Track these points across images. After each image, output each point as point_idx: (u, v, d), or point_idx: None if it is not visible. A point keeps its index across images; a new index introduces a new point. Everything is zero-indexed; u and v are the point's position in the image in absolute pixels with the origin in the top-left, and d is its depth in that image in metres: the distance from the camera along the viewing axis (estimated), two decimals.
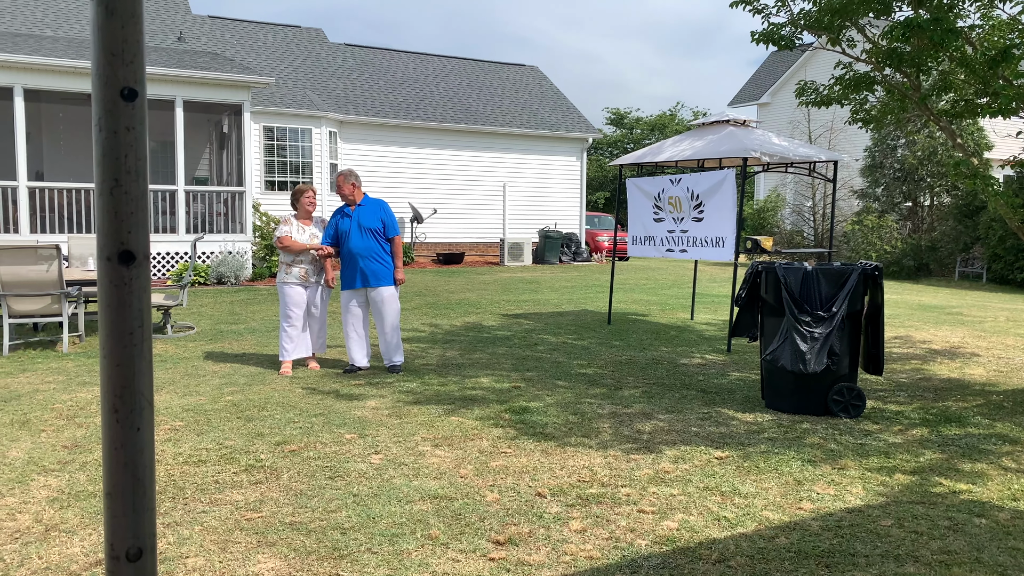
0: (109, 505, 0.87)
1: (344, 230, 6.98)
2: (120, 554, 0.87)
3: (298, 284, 7.01)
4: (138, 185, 0.85)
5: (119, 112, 0.83)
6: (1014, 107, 6.07)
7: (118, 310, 0.84)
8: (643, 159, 10.06)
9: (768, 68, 31.51)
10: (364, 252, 6.89)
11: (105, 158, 0.83)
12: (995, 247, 17.43)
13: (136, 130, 0.84)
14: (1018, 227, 6.54)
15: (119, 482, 0.86)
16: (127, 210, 0.84)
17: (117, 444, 0.85)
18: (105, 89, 0.83)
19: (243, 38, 22.05)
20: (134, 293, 0.85)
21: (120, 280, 0.84)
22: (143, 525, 0.87)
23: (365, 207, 6.99)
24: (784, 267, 5.81)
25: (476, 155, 21.85)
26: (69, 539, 3.44)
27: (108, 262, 0.84)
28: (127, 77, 0.83)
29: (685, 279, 17.25)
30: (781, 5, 7.26)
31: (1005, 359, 8.09)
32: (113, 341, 0.84)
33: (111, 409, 0.85)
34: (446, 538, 3.48)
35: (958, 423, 5.52)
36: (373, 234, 6.91)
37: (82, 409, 5.63)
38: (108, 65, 0.82)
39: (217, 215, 15.37)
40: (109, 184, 0.84)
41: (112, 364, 0.84)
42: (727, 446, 4.90)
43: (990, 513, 3.83)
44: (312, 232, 7.17)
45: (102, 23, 0.82)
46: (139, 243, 0.85)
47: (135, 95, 0.84)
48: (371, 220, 6.93)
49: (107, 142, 0.83)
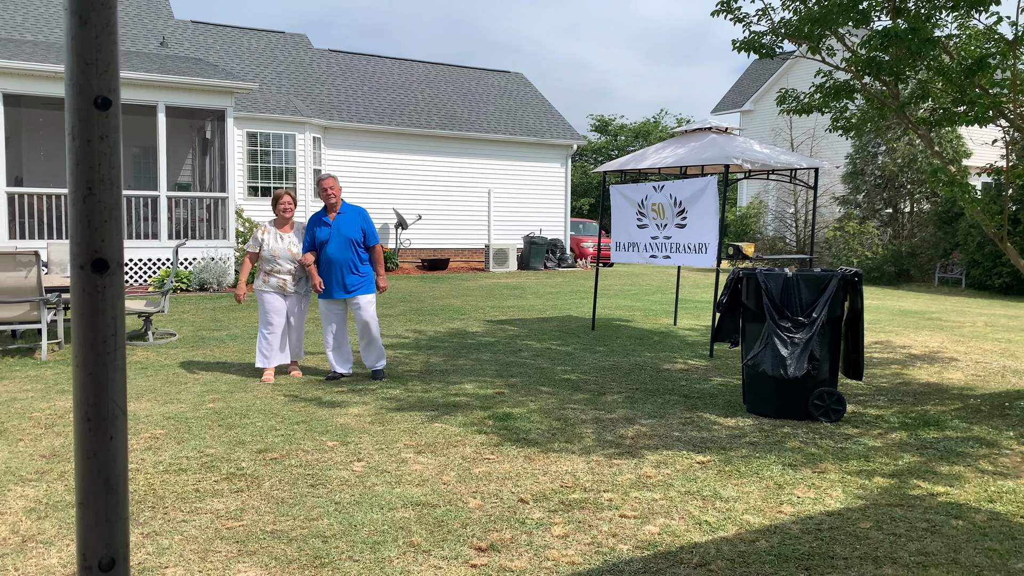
0: (82, 515, 0.87)
1: (323, 238, 6.78)
2: (93, 564, 0.87)
3: (276, 293, 6.88)
4: (112, 193, 0.85)
5: (93, 121, 0.83)
6: (990, 115, 6.16)
7: (91, 318, 0.84)
8: (627, 166, 10.10)
9: (751, 76, 31.77)
10: (343, 261, 6.75)
11: (79, 167, 0.84)
12: (974, 253, 17.63)
13: (110, 139, 0.84)
14: (995, 233, 6.63)
15: (92, 491, 0.86)
16: (100, 218, 0.84)
17: (90, 453, 0.85)
18: (79, 98, 0.83)
19: (226, 43, 21.97)
20: (107, 301, 0.85)
21: (93, 288, 0.84)
22: (116, 534, 0.87)
23: (345, 215, 6.82)
24: (765, 273, 5.85)
25: (461, 161, 21.86)
26: (46, 550, 3.40)
27: (81, 270, 0.84)
28: (101, 86, 0.83)
29: (668, 285, 17.33)
30: (762, 14, 7.33)
31: (983, 363, 8.18)
32: (86, 350, 0.84)
33: (84, 418, 0.85)
34: (428, 545, 3.47)
35: (936, 427, 5.58)
36: (353, 244, 6.77)
37: (60, 418, 5.57)
38: (82, 74, 0.83)
39: (200, 221, 15.28)
40: (83, 192, 0.84)
41: (85, 372, 0.84)
42: (709, 451, 4.93)
43: (967, 515, 3.88)
44: (292, 240, 6.96)
45: (76, 32, 0.83)
46: (113, 251, 0.85)
47: (109, 104, 0.84)
48: (351, 229, 6.78)
49: (81, 151, 0.84)
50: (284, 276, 6.89)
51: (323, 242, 6.78)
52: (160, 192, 14.41)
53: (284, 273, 6.89)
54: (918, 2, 6.47)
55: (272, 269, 6.88)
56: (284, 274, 6.89)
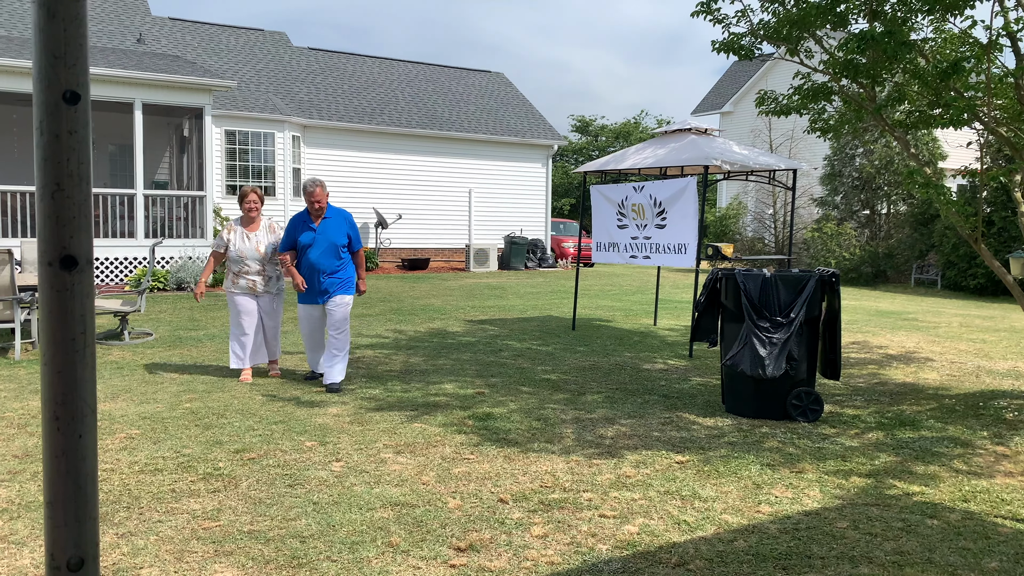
0: (50, 514, 0.85)
1: (306, 243, 6.51)
2: (61, 564, 0.85)
3: (246, 294, 6.71)
4: (80, 189, 0.83)
5: (61, 115, 0.82)
6: (965, 118, 6.23)
7: (60, 316, 0.83)
8: (607, 166, 10.13)
9: (730, 77, 31.98)
10: (327, 268, 6.51)
11: (47, 162, 0.82)
12: (949, 254, 17.86)
13: (79, 134, 0.83)
14: (969, 235, 6.71)
15: (60, 491, 0.85)
16: (69, 214, 0.83)
17: (58, 452, 0.84)
18: (47, 92, 0.82)
19: (205, 41, 21.78)
20: (76, 299, 0.84)
21: (62, 286, 0.83)
22: (85, 534, 0.86)
23: (331, 220, 6.56)
24: (744, 274, 5.89)
25: (442, 161, 21.82)
26: (19, 551, 3.35)
27: (49, 267, 0.83)
28: (69, 80, 0.82)
29: (648, 285, 17.40)
30: (741, 16, 7.38)
31: (958, 364, 8.29)
32: (54, 348, 0.83)
33: (52, 417, 0.84)
34: (407, 545, 3.46)
35: (912, 427, 5.64)
36: (337, 249, 6.53)
37: (34, 418, 5.50)
38: (50, 68, 0.81)
39: (177, 220, 15.14)
40: (51, 188, 0.82)
41: (53, 371, 0.83)
42: (688, 450, 4.95)
43: (942, 514, 3.92)
44: (259, 239, 6.71)
45: (44, 25, 0.81)
46: (82, 248, 0.84)
47: (78, 98, 0.83)
48: (337, 234, 6.53)
49: (49, 146, 0.82)
50: (253, 277, 6.68)
51: (305, 246, 6.52)
52: (137, 190, 14.25)
53: (253, 274, 6.67)
54: (895, 5, 6.54)
55: (240, 270, 6.67)
56: (253, 275, 6.67)
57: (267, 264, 6.75)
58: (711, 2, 7.35)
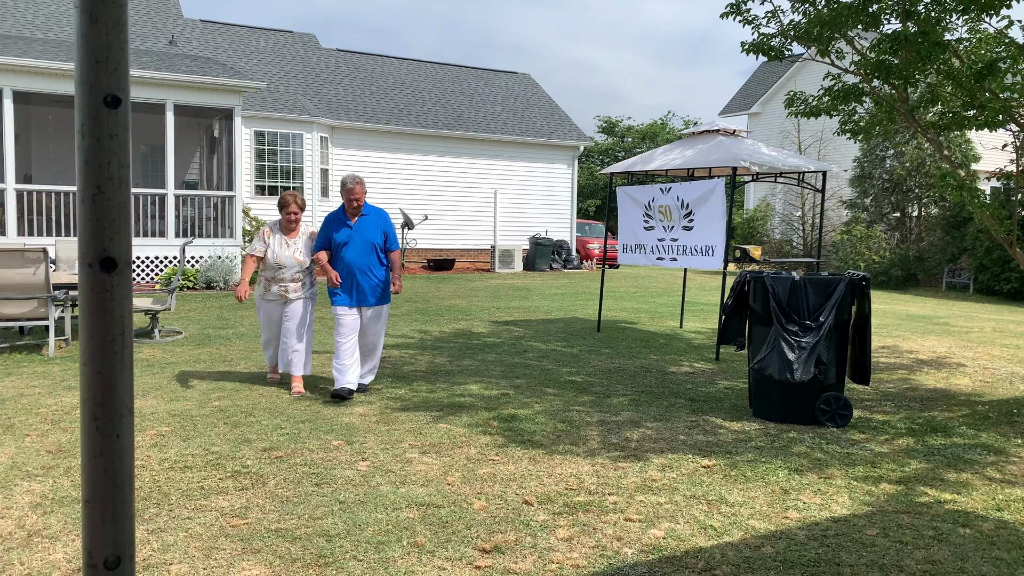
0: (88, 513, 0.87)
1: (341, 240, 6.25)
2: (98, 562, 0.86)
3: (275, 302, 6.48)
4: (121, 192, 0.84)
5: (102, 119, 0.83)
6: (1000, 120, 6.13)
7: (99, 317, 0.84)
8: (634, 167, 10.09)
9: (759, 78, 31.71)
10: (364, 267, 6.24)
11: (88, 165, 0.83)
12: (982, 258, 17.56)
13: (119, 137, 0.84)
14: (1004, 238, 6.59)
15: (98, 490, 0.86)
16: (109, 217, 0.84)
17: (96, 451, 0.85)
18: (89, 96, 0.83)
19: (235, 43, 22.03)
20: (115, 300, 0.85)
21: (101, 287, 0.84)
22: (122, 533, 0.87)
23: (368, 217, 6.30)
24: (772, 276, 5.84)
25: (468, 162, 21.87)
26: (52, 545, 3.41)
27: (90, 268, 0.84)
28: (111, 84, 0.83)
29: (675, 287, 17.29)
30: (771, 16, 7.31)
31: (991, 369, 8.14)
32: (93, 348, 0.84)
33: (91, 416, 0.85)
34: (432, 546, 3.47)
35: (944, 433, 5.55)
36: (375, 248, 6.27)
37: (67, 414, 5.59)
38: (92, 72, 0.82)
39: (207, 219, 15.32)
40: (92, 191, 0.84)
41: (92, 371, 0.84)
42: (714, 454, 4.91)
43: (974, 523, 3.85)
44: (298, 247, 6.41)
45: (86, 30, 0.82)
46: (121, 250, 0.85)
47: (119, 102, 0.84)
48: (374, 233, 6.27)
49: (90, 149, 0.83)
50: (287, 284, 6.42)
51: (341, 244, 6.25)
52: (168, 190, 14.45)
53: (288, 281, 6.41)
54: (928, 5, 6.44)
55: (275, 277, 6.41)
56: (287, 282, 6.41)
57: (303, 272, 6.47)
58: (741, 3, 7.30)
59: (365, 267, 6.26)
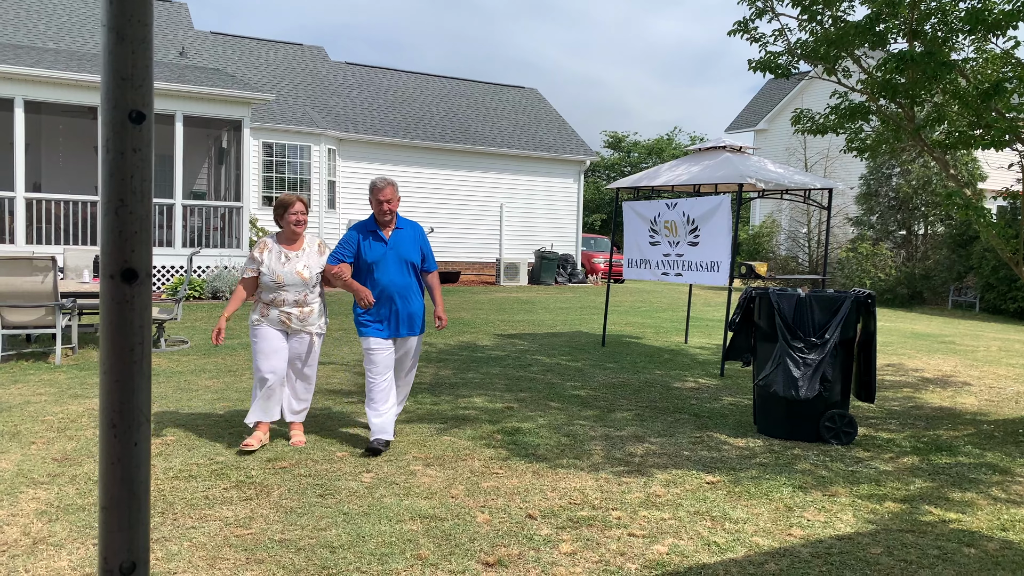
0: (104, 519, 0.88)
1: (374, 258, 5.15)
2: (114, 567, 0.88)
3: (275, 327, 5.14)
4: (143, 205, 0.87)
5: (127, 134, 0.86)
6: (1006, 139, 6.15)
7: (119, 327, 0.86)
8: (640, 183, 10.12)
9: (765, 95, 31.79)
10: (404, 291, 5.19)
11: (112, 178, 0.86)
12: (988, 277, 17.52)
13: (142, 152, 0.87)
14: (1010, 258, 6.59)
15: (115, 496, 0.87)
16: (131, 229, 0.86)
17: (114, 459, 0.87)
18: (114, 112, 0.85)
19: (244, 54, 22.20)
20: (135, 311, 0.87)
21: (122, 297, 0.86)
22: (138, 539, 0.88)
23: (404, 231, 5.27)
24: (778, 293, 5.84)
25: (474, 175, 21.95)
26: (57, 552, 3.42)
27: (111, 280, 0.86)
28: (135, 100, 0.85)
29: (680, 303, 17.29)
30: (778, 35, 7.36)
31: (997, 388, 8.12)
32: (114, 357, 0.86)
33: (109, 424, 0.87)
34: (436, 558, 3.47)
35: (949, 452, 5.54)
36: (412, 269, 5.25)
37: (73, 422, 5.61)
38: (117, 88, 0.85)
39: (214, 230, 15.40)
40: (115, 204, 0.86)
41: (112, 379, 0.86)
42: (718, 471, 4.90)
43: (979, 543, 3.84)
44: (304, 261, 5.16)
45: (113, 47, 0.85)
46: (142, 262, 0.87)
47: (143, 118, 0.86)
48: (411, 250, 5.24)
49: (114, 163, 0.86)
50: (289, 310, 5.11)
51: (374, 263, 5.15)
52: (175, 200, 14.53)
53: (290, 305, 5.11)
54: (935, 25, 6.47)
55: (274, 299, 5.10)
56: (290, 306, 5.11)
57: (310, 294, 5.20)
58: (749, 21, 7.34)
59: (404, 291, 5.20)
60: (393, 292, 5.16)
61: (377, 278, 5.16)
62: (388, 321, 5.20)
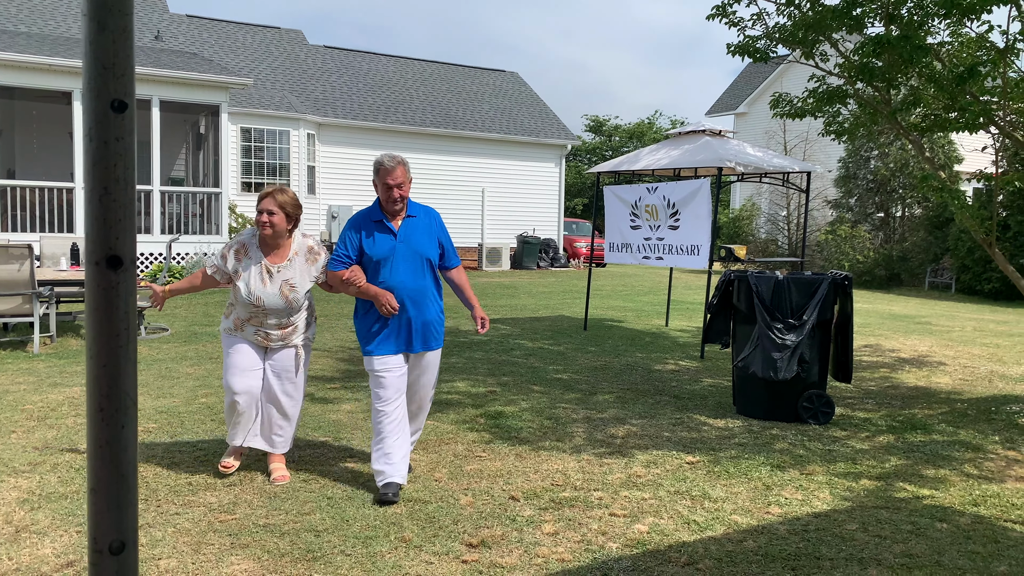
0: (93, 500, 0.90)
1: (381, 255, 4.08)
2: (103, 548, 0.90)
3: (249, 343, 4.28)
4: (126, 193, 0.88)
5: (109, 123, 0.87)
6: (981, 122, 6.23)
7: (106, 313, 0.88)
8: (620, 167, 10.15)
9: (745, 79, 31.89)
10: (417, 294, 4.13)
11: (95, 167, 0.87)
12: (964, 258, 17.77)
13: (125, 140, 0.88)
14: (984, 239, 6.70)
15: (103, 478, 0.89)
16: (115, 217, 0.87)
17: (102, 441, 0.89)
18: (96, 101, 0.86)
19: (222, 38, 21.93)
20: (121, 297, 0.88)
21: (108, 284, 0.87)
22: (126, 520, 0.90)
23: (416, 220, 4.20)
24: (756, 275, 5.91)
25: (455, 160, 21.88)
26: (40, 540, 3.42)
27: (96, 266, 0.87)
28: (117, 89, 0.87)
29: (660, 286, 17.39)
30: (757, 19, 7.38)
31: (971, 368, 8.26)
32: (101, 343, 0.88)
33: (97, 408, 0.88)
34: (420, 540, 3.51)
35: (923, 430, 5.65)
36: (428, 266, 4.19)
37: (53, 410, 5.58)
38: (100, 78, 0.86)
39: (193, 216, 15.27)
40: (99, 192, 0.87)
41: (99, 364, 0.88)
42: (698, 451, 4.98)
43: (951, 518, 3.94)
44: (291, 277, 4.17)
45: (94, 37, 0.86)
46: (126, 249, 0.88)
47: (125, 107, 0.87)
48: (426, 244, 4.18)
49: (97, 151, 0.87)
50: (269, 331, 4.23)
51: (380, 260, 4.09)
52: (153, 187, 14.38)
53: (271, 327, 4.22)
54: (911, 9, 6.53)
55: (251, 319, 4.22)
56: (270, 328, 4.22)
57: (296, 314, 4.27)
58: (727, 5, 7.37)
59: (418, 294, 4.14)
60: (404, 297, 4.09)
61: (384, 280, 4.09)
62: (397, 333, 4.12)
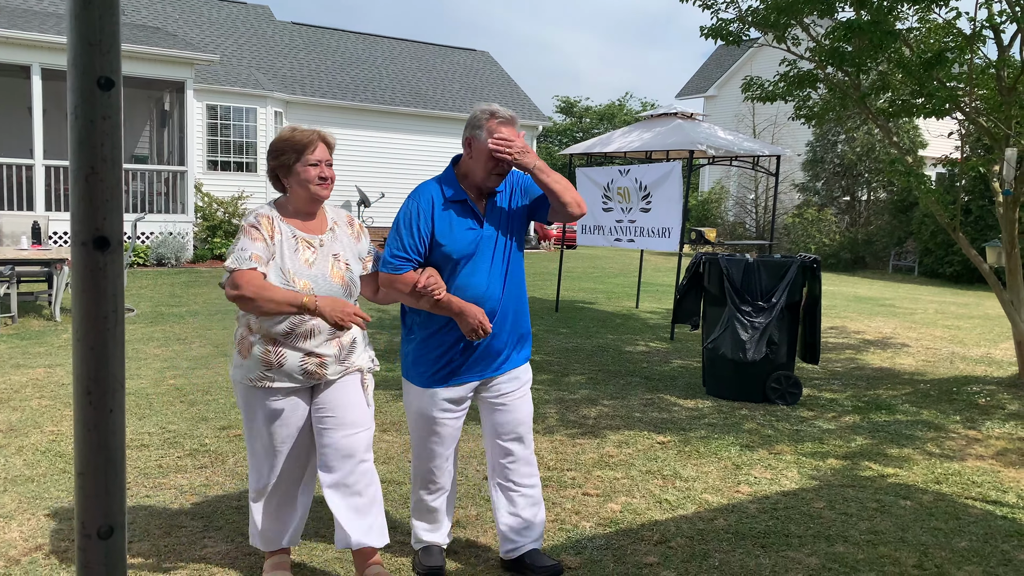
0: (81, 484, 0.89)
1: (463, 251, 2.90)
2: (92, 532, 0.89)
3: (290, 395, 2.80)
4: (113, 173, 0.86)
5: (96, 101, 0.85)
6: (947, 108, 6.33)
7: (93, 295, 0.86)
8: (593, 149, 10.16)
9: (716, 61, 31.99)
10: (510, 306, 2.99)
11: (81, 146, 0.85)
12: (927, 242, 18.10)
13: (112, 119, 0.86)
14: (948, 223, 6.83)
15: (91, 462, 0.88)
16: (102, 197, 0.86)
17: (90, 425, 0.87)
18: (82, 78, 0.84)
19: (186, 13, 21.45)
20: (108, 278, 0.87)
21: (95, 265, 0.86)
22: (115, 504, 0.89)
23: (504, 195, 3.04)
24: (727, 258, 5.97)
25: (425, 139, 21.72)
26: (7, 524, 3.37)
27: (83, 247, 0.86)
28: (104, 67, 0.85)
29: (631, 268, 17.49)
30: (730, 1, 7.40)
31: (933, 349, 8.45)
32: (88, 325, 0.86)
33: (84, 391, 0.87)
34: (393, 521, 3.51)
35: (887, 410, 5.77)
36: (518, 251, 3.04)
37: (16, 392, 5.48)
38: (85, 54, 0.84)
39: (157, 195, 14.99)
40: (85, 172, 0.85)
41: (86, 347, 0.86)
42: (669, 431, 5.04)
43: (915, 495, 4.04)
44: (337, 252, 2.88)
45: (79, 12, 0.84)
46: (113, 229, 0.87)
47: (111, 84, 0.85)
48: (516, 223, 3.04)
49: (83, 130, 0.85)
50: (322, 350, 2.78)
51: (462, 259, 2.90)
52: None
53: (323, 338, 2.78)
54: None
55: (294, 330, 2.74)
56: (322, 340, 2.78)
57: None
58: None
59: (511, 306, 2.99)
60: (495, 310, 2.93)
61: (461, 285, 2.89)
62: (466, 360, 2.95)
